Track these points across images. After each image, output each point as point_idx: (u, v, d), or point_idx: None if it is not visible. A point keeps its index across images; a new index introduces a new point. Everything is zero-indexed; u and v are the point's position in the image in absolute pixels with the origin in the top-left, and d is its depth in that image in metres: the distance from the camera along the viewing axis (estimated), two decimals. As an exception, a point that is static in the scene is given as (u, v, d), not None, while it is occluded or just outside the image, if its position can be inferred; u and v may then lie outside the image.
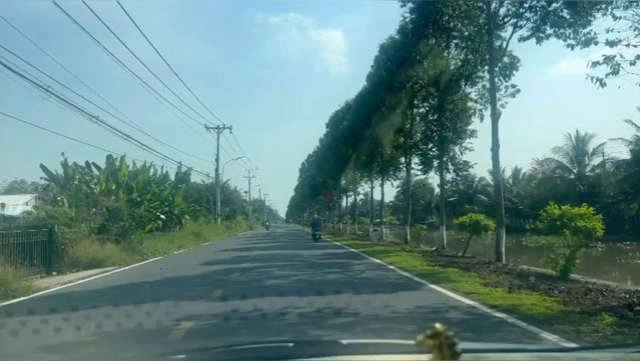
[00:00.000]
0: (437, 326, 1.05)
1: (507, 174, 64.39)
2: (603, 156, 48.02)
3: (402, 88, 26.39)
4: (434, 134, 22.26)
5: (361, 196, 57.61)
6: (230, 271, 13.70)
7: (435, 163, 22.54)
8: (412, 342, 1.10)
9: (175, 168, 37.23)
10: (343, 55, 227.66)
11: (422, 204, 77.09)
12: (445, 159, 22.11)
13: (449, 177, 22.88)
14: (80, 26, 22.67)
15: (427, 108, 24.33)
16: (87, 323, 5.10)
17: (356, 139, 33.55)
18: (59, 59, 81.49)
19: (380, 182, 36.37)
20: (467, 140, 21.95)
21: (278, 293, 8.75)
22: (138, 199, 29.24)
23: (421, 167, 23.39)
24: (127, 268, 16.76)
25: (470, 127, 22.06)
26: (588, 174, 49.52)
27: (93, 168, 29.02)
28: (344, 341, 1.78)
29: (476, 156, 31.13)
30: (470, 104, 21.62)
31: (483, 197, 70.72)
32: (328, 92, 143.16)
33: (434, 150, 22.58)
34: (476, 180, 71.97)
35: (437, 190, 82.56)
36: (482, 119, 21.12)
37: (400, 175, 34.19)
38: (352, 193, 49.51)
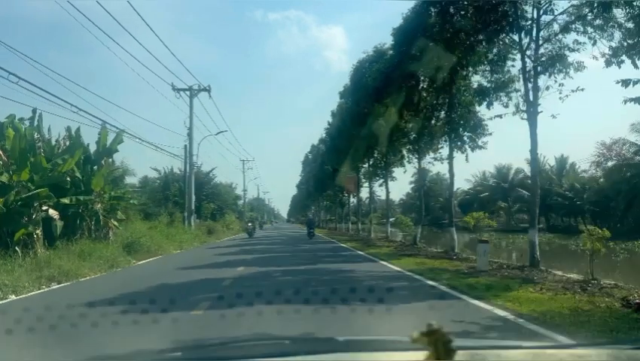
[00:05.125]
0: (433, 323, 1.02)
1: (550, 164, 54.70)
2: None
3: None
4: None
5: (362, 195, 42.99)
6: None
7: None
8: (407, 339, 1.07)
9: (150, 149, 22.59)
10: (344, 52, 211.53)
11: (440, 202, 65.25)
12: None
13: None
14: None
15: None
16: None
17: (403, 80, 20.10)
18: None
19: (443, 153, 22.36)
20: None
21: None
22: (5, 181, 15.43)
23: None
24: None
25: None
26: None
27: None
28: (340, 338, 1.79)
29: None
30: None
31: (523, 191, 58.50)
32: (329, 90, 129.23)
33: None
34: (512, 172, 61.46)
35: (456, 186, 71.09)
36: None
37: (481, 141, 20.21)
38: (382, 178, 34.41)
